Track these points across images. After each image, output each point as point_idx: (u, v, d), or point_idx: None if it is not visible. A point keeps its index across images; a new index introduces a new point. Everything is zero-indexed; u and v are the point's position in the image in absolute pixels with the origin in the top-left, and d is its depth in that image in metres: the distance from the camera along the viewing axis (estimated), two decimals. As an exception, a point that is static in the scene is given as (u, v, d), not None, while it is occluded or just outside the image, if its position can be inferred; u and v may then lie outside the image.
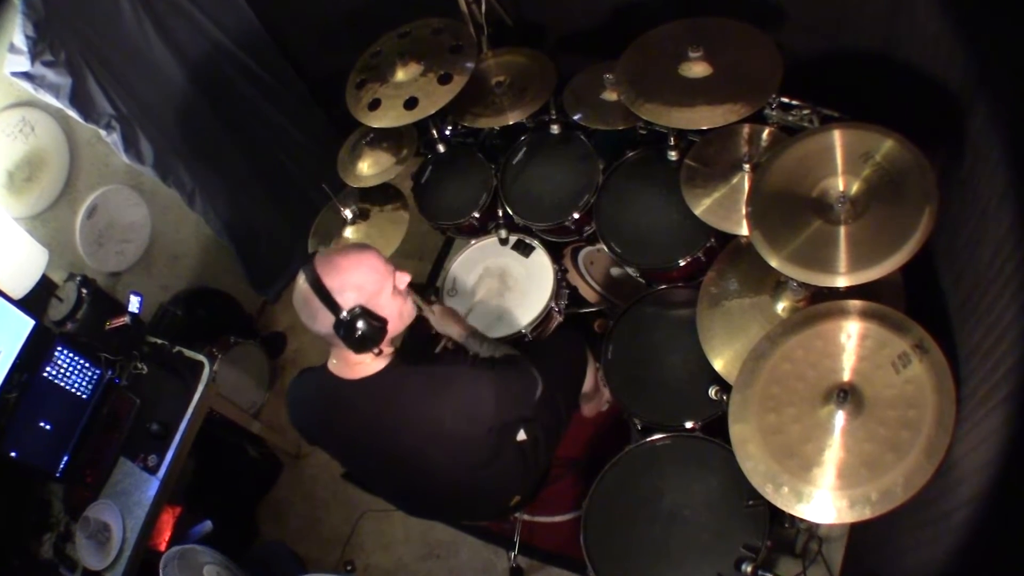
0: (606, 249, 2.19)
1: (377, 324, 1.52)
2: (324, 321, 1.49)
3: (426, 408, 1.60)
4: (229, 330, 3.05)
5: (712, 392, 1.85)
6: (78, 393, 2.44)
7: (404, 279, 1.61)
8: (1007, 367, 1.24)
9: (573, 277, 2.56)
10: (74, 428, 2.43)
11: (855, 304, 1.52)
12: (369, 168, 2.44)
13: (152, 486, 2.27)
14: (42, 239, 2.50)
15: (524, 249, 2.40)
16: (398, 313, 1.58)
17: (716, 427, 1.82)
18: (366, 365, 1.59)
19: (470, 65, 2.23)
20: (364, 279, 1.51)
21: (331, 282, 1.48)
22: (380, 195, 2.47)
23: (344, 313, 1.48)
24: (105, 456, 2.39)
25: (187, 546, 2.17)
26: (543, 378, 1.80)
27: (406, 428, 1.63)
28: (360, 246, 1.57)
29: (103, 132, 2.52)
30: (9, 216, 2.39)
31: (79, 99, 2.38)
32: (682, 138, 2.12)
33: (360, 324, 1.48)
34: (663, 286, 2.18)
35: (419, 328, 1.97)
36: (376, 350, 1.57)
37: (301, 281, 1.50)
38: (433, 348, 2.33)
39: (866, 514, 1.35)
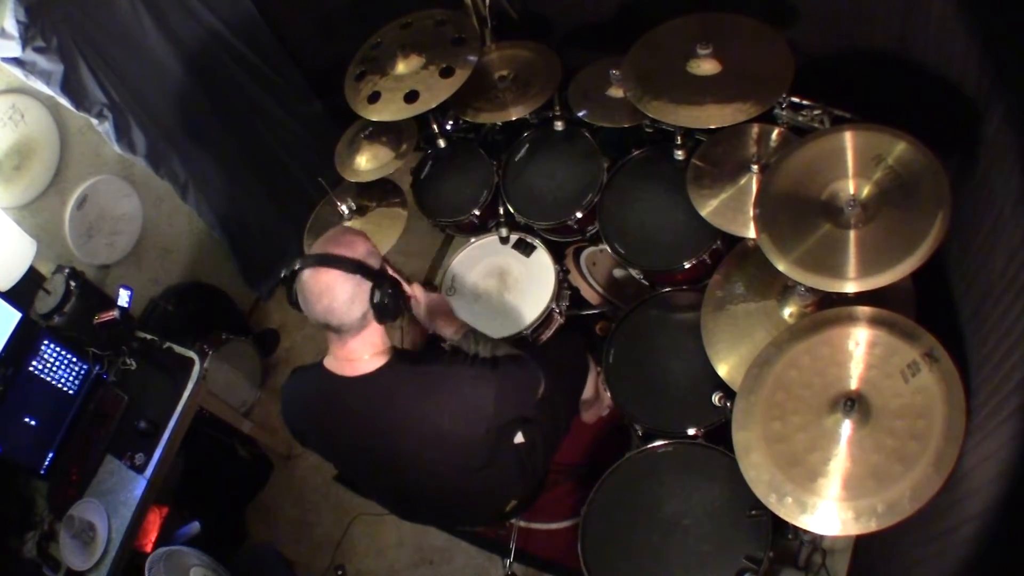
0: (609, 250, 2.19)
1: (399, 286, 1.59)
2: (361, 297, 1.50)
3: (423, 409, 1.60)
4: (221, 326, 3.05)
5: (715, 398, 1.85)
6: (64, 388, 2.44)
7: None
8: (1019, 378, 1.24)
9: (575, 278, 2.56)
10: (60, 424, 2.43)
11: (864, 311, 1.52)
12: (367, 162, 2.44)
13: (139, 485, 2.27)
14: (30, 230, 2.50)
15: (525, 248, 2.40)
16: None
17: (719, 434, 1.82)
18: (363, 362, 1.59)
19: (473, 58, 2.23)
20: (370, 245, 1.57)
21: (356, 253, 1.51)
22: (378, 190, 2.47)
23: (378, 276, 1.52)
24: (91, 453, 2.39)
25: (174, 547, 2.18)
26: (546, 377, 1.80)
27: (401, 429, 1.63)
28: (337, 227, 1.61)
29: (95, 121, 2.52)
30: (-3, 205, 2.39)
31: (70, 86, 2.38)
32: (689, 137, 2.12)
33: (390, 286, 1.54)
34: (667, 289, 2.18)
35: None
36: (396, 323, 1.60)
37: (312, 272, 1.49)
38: (432, 347, 2.32)
39: (872, 526, 1.35)
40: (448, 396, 1.61)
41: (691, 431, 1.92)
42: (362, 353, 1.58)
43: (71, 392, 2.46)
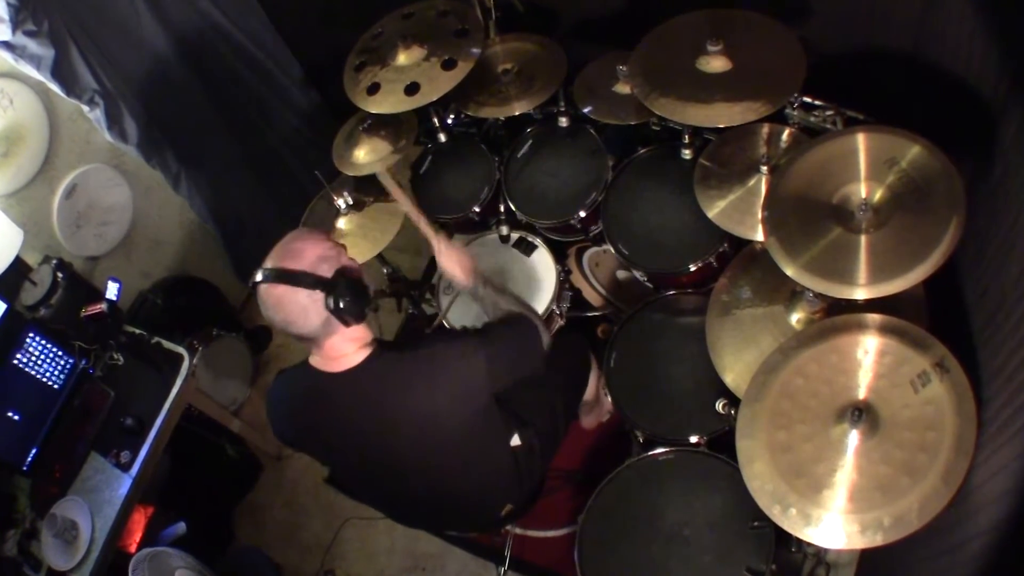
0: (612, 250, 2.19)
1: (360, 285, 1.55)
2: (314, 309, 1.49)
3: (416, 393, 1.60)
4: (211, 322, 3.05)
5: (719, 406, 1.85)
6: (49, 383, 2.44)
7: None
8: (1032, 390, 1.24)
9: (577, 279, 2.56)
10: (44, 420, 2.43)
11: (874, 318, 1.51)
12: (365, 156, 2.44)
13: (124, 484, 2.27)
14: (17, 219, 2.50)
15: (526, 247, 2.40)
16: (360, 271, 1.61)
17: (722, 443, 1.82)
18: (348, 357, 1.59)
19: (476, 51, 2.23)
20: (324, 248, 1.55)
21: (302, 264, 1.50)
22: (376, 185, 2.45)
23: (331, 284, 1.49)
24: (75, 450, 2.39)
25: (158, 548, 2.18)
26: (552, 383, 1.79)
27: (396, 418, 1.62)
28: (295, 231, 1.61)
29: (85, 108, 2.52)
30: (-17, 193, 2.39)
31: (61, 72, 2.38)
32: (697, 136, 2.12)
33: (349, 289, 1.51)
34: (671, 292, 2.18)
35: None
36: (374, 307, 1.58)
37: (266, 287, 1.50)
38: (414, 331, 2.31)
39: (877, 540, 1.35)
40: (439, 375, 1.61)
41: (694, 439, 1.92)
42: (345, 349, 1.58)
43: (56, 386, 2.46)
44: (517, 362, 1.75)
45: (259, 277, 1.52)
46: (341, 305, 1.50)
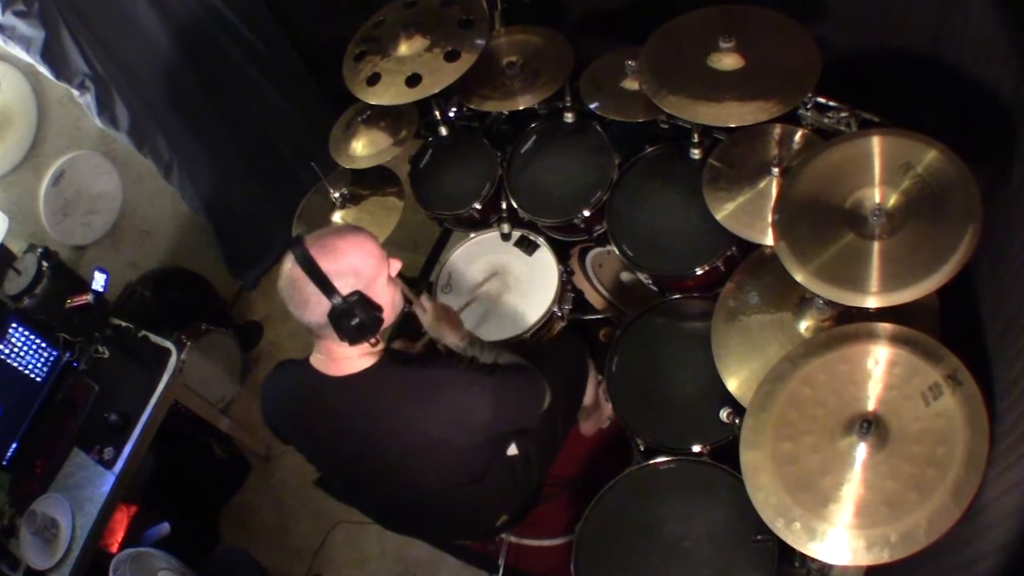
0: (617, 252, 2.19)
1: (375, 313, 1.52)
2: (317, 309, 1.48)
3: (409, 415, 1.60)
4: (201, 316, 3.05)
5: (723, 414, 1.84)
6: (32, 375, 2.44)
7: (396, 266, 1.63)
8: (1047, 405, 1.23)
9: (579, 280, 2.56)
10: (25, 413, 2.43)
11: (885, 328, 1.51)
12: (364, 148, 2.44)
13: (107, 481, 2.27)
14: (1, 205, 2.51)
15: (528, 246, 2.40)
16: (391, 302, 1.59)
17: (726, 453, 1.82)
18: (352, 361, 1.59)
19: (480, 42, 2.23)
20: (362, 263, 1.51)
21: (328, 265, 1.47)
22: (374, 178, 2.47)
23: (342, 300, 1.47)
24: (57, 446, 2.39)
25: (141, 549, 2.18)
26: (551, 387, 1.80)
27: (385, 435, 1.62)
28: (355, 228, 1.58)
29: (76, 92, 2.52)
30: (-32, 178, 2.39)
31: (51, 54, 2.38)
32: (707, 135, 2.12)
33: (358, 312, 1.48)
34: (677, 295, 2.18)
35: (412, 326, 1.96)
36: (372, 340, 1.56)
37: (290, 264, 1.49)
38: (427, 349, 2.32)
39: (884, 557, 1.35)
40: (438, 402, 1.61)
41: (696, 448, 1.91)
42: (347, 353, 1.57)
43: (38, 379, 2.46)
44: (519, 414, 1.77)
45: (292, 247, 1.50)
46: (340, 323, 1.49)
